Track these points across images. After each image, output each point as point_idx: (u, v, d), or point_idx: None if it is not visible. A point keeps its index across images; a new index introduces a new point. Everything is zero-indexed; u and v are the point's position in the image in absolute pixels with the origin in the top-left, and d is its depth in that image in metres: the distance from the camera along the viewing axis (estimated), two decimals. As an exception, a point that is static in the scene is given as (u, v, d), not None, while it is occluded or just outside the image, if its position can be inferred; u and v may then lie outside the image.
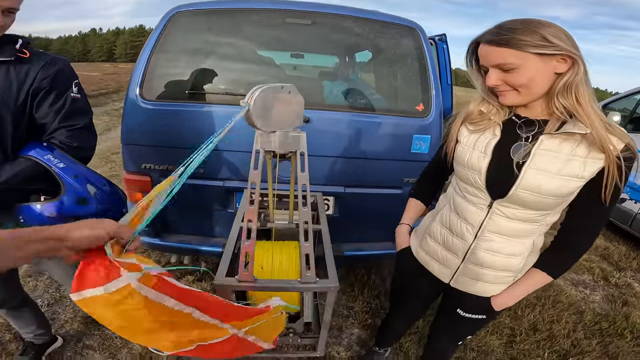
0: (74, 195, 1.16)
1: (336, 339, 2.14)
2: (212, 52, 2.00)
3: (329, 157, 1.95)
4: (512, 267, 1.11)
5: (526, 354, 2.15)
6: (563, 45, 0.85)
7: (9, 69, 1.11)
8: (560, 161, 0.93)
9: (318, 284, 1.04)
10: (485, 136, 1.05)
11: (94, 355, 1.84)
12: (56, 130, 1.19)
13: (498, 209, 1.05)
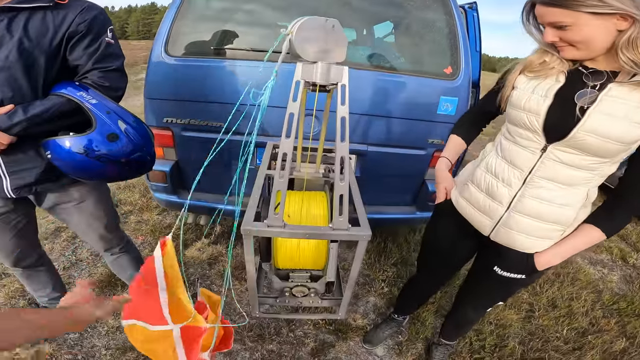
0: (105, 131, 1.14)
1: (352, 307, 2.10)
2: (235, 13, 1.93)
3: (352, 114, 1.86)
4: (561, 220, 1.04)
5: (544, 329, 2.12)
6: (619, 4, 0.81)
7: (45, 14, 1.12)
8: (629, 107, 0.88)
9: (350, 231, 0.97)
10: (547, 82, 1.00)
11: (108, 321, 1.82)
12: (89, 71, 1.20)
13: (553, 153, 0.99)
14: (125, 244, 1.65)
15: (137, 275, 0.97)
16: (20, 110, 1.08)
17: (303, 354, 1.75)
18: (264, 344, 1.77)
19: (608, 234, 1.03)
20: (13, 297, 1.88)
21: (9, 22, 1.07)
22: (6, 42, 1.06)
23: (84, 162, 1.13)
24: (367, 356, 1.79)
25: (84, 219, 1.43)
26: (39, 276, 1.59)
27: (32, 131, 1.11)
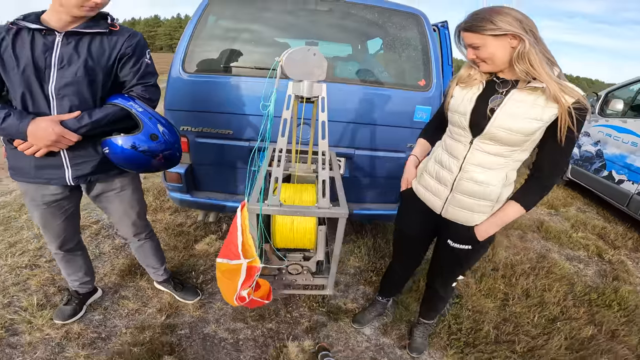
0: (148, 132, 1.44)
1: (343, 293, 2.35)
2: (240, 32, 2.25)
3: (341, 122, 2.16)
4: (489, 196, 1.34)
5: (517, 316, 2.33)
6: (509, 27, 1.14)
7: (102, 38, 1.42)
8: (525, 107, 1.20)
9: (331, 209, 1.25)
10: (472, 90, 1.32)
11: (128, 304, 2.07)
12: (134, 85, 1.51)
13: (477, 145, 1.31)
14: (149, 231, 1.94)
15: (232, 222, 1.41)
16: (86, 115, 1.38)
17: (299, 331, 1.99)
18: (264, 323, 2.02)
19: (527, 207, 1.33)
20: (44, 284, 2.14)
21: (76, 44, 1.37)
22: (75, 61, 1.36)
23: (132, 155, 1.44)
24: (356, 335, 2.03)
25: (122, 206, 1.72)
26: (75, 260, 1.86)
27: (93, 132, 1.42)
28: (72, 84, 1.37)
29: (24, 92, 1.34)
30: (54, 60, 1.34)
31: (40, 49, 1.33)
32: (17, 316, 1.90)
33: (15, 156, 1.46)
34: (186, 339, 1.88)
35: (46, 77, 1.35)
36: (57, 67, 1.35)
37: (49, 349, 1.75)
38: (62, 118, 1.37)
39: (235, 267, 1.34)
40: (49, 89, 1.36)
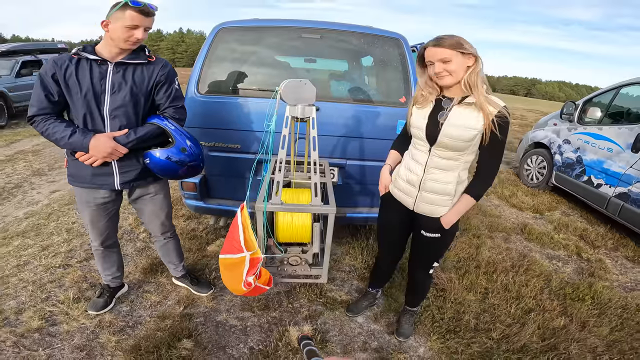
0: (179, 146, 1.79)
1: (339, 287, 2.64)
2: (246, 58, 2.61)
3: (334, 136, 2.50)
4: (448, 192, 1.67)
5: (495, 308, 2.58)
6: (471, 49, 1.47)
7: (143, 68, 1.79)
8: (463, 119, 1.54)
9: (322, 207, 1.57)
10: (425, 109, 1.65)
11: (151, 297, 2.37)
12: (167, 107, 1.88)
13: (434, 152, 1.66)
14: (173, 231, 2.27)
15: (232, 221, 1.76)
16: (132, 133, 1.74)
17: (299, 319, 2.28)
18: (269, 312, 2.31)
19: (476, 198, 1.67)
20: (77, 281, 2.45)
21: (123, 73, 1.73)
22: (123, 87, 1.72)
23: (167, 165, 1.79)
24: (350, 322, 2.31)
25: (154, 208, 2.07)
26: (111, 256, 2.17)
27: (137, 146, 1.77)
28: (122, 106, 1.74)
29: (85, 113, 1.71)
30: (108, 87, 1.71)
31: (97, 76, 1.69)
32: (55, 308, 2.20)
33: (76, 166, 1.81)
34: (201, 326, 2.17)
35: (102, 101, 1.71)
36: (110, 93, 1.72)
37: (84, 336, 2.04)
38: (115, 135, 1.73)
39: (239, 260, 1.65)
40: (104, 111, 1.73)
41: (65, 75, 1.66)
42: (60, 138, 1.67)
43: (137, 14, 1.64)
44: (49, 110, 1.70)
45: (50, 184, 4.31)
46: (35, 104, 1.68)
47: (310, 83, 1.69)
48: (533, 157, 5.49)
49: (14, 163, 4.95)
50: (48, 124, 1.68)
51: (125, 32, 1.65)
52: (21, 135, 6.62)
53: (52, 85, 1.67)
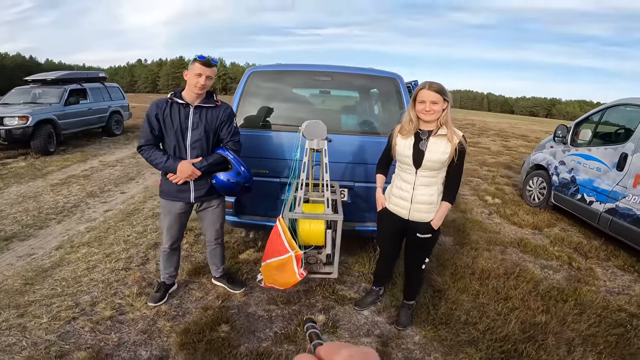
0: (236, 171, 2.41)
1: (349, 287, 3.13)
2: (272, 96, 3.26)
3: (344, 163, 3.06)
4: (432, 202, 2.22)
5: (485, 306, 2.99)
6: (449, 96, 2.04)
7: (212, 110, 2.44)
8: (438, 146, 2.12)
9: (332, 215, 2.14)
10: (409, 140, 2.19)
11: (195, 293, 2.92)
12: (228, 141, 2.51)
13: (420, 173, 2.18)
14: (222, 239, 2.86)
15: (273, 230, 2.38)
16: (205, 160, 2.37)
17: (315, 311, 2.77)
18: (290, 306, 2.82)
19: (451, 202, 2.22)
20: (138, 280, 3.03)
21: (200, 114, 2.39)
22: (200, 126, 2.37)
23: (227, 185, 2.40)
24: (357, 315, 2.79)
25: (213, 218, 2.68)
26: (173, 257, 2.76)
27: (207, 170, 2.39)
28: (198, 140, 2.40)
29: (175, 144, 2.39)
30: (190, 125, 2.38)
31: (183, 116, 2.37)
32: (123, 301, 2.78)
33: (166, 183, 2.47)
34: (236, 315, 2.69)
35: (186, 136, 2.38)
36: (192, 129, 2.38)
37: (146, 322, 2.59)
38: (193, 161, 2.39)
39: (286, 260, 2.25)
40: (187, 143, 2.40)
41: (163, 115, 2.37)
42: (159, 162, 2.36)
43: (201, 65, 2.28)
44: (152, 142, 2.39)
45: (103, 204, 5.01)
46: (144, 136, 2.38)
47: (322, 123, 2.33)
48: (534, 178, 5.87)
49: (69, 186, 5.71)
50: (151, 152, 2.36)
51: (194, 78, 2.29)
52: (70, 160, 7.44)
53: (154, 123, 2.36)
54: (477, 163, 9.39)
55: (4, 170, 6.50)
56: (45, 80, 9.33)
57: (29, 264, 3.26)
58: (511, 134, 19.41)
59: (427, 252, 2.47)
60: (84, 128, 9.65)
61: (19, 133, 7.39)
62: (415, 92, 2.16)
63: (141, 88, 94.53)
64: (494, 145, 13.88)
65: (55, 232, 4.00)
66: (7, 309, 2.60)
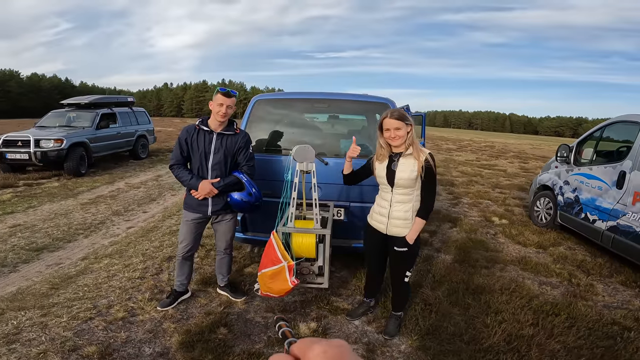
0: (248, 191, 2.75)
1: (344, 299, 3.31)
2: (275, 121, 3.58)
3: (340, 184, 3.28)
4: (407, 218, 2.42)
5: (473, 319, 3.08)
6: (410, 120, 2.26)
7: (231, 137, 2.82)
8: (407, 165, 2.34)
9: (320, 229, 2.40)
10: (384, 163, 2.43)
11: (201, 300, 3.18)
12: (243, 165, 2.86)
13: (395, 191, 2.41)
14: (231, 250, 3.16)
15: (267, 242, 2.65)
16: (222, 180, 2.73)
17: (308, 319, 2.97)
18: (286, 314, 3.02)
19: (424, 218, 2.42)
20: (150, 288, 3.33)
21: (221, 140, 2.76)
22: (220, 151, 2.74)
23: (240, 202, 2.74)
24: (348, 324, 2.96)
25: (225, 230, 3.01)
26: (186, 266, 3.06)
27: (223, 189, 2.73)
28: (218, 163, 2.77)
29: (199, 165, 2.78)
30: (212, 149, 2.76)
31: (207, 142, 2.76)
32: (135, 305, 3.07)
33: (190, 197, 2.84)
34: (235, 320, 2.92)
35: (208, 158, 2.76)
36: (213, 153, 2.76)
37: (153, 323, 2.85)
38: (212, 181, 2.76)
39: (279, 269, 2.50)
40: (209, 165, 2.77)
41: (191, 139, 2.78)
42: (184, 180, 2.79)
43: (222, 96, 2.68)
44: (181, 162, 2.82)
45: (127, 222, 5.42)
46: (174, 157, 2.82)
47: (311, 147, 2.64)
48: (541, 199, 5.90)
49: (97, 205, 6.19)
50: (180, 170, 2.80)
51: (217, 107, 2.69)
52: (99, 182, 8.01)
53: (184, 146, 2.79)
54: (489, 185, 9.39)
55: (39, 190, 7.10)
56: (79, 104, 10.03)
57: (56, 272, 3.63)
58: (531, 156, 19.11)
59: (407, 265, 2.64)
60: (112, 151, 10.27)
61: (54, 155, 8.00)
62: (379, 122, 2.41)
63: (167, 112, 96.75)
64: (511, 167, 13.77)
65: (82, 245, 4.40)
66: (32, 309, 2.94)
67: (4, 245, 4.27)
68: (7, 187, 7.15)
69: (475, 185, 9.19)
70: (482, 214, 6.51)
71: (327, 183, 3.22)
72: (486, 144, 26.83)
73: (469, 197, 7.85)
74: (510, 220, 6.10)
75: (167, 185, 8.04)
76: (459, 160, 15.24)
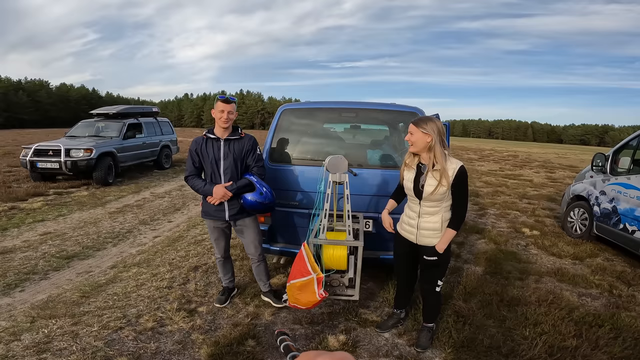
0: (259, 192, 2.74)
1: (372, 311, 3.22)
2: (302, 131, 3.55)
3: (369, 195, 3.25)
4: (436, 229, 2.35)
5: (511, 331, 2.96)
6: (428, 129, 2.18)
7: (238, 141, 2.87)
8: (433, 180, 2.28)
9: (353, 241, 2.35)
10: (411, 173, 2.38)
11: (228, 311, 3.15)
12: (253, 167, 2.91)
13: (423, 203, 2.34)
14: (264, 256, 3.17)
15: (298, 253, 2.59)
16: (234, 184, 2.74)
17: (336, 331, 2.89)
18: (314, 326, 2.96)
19: (456, 229, 2.33)
20: (178, 297, 3.33)
21: (229, 146, 2.79)
22: (229, 155, 2.77)
23: (252, 203, 2.73)
24: (378, 336, 2.87)
25: (250, 235, 3.01)
26: (227, 265, 3.18)
27: (237, 192, 2.75)
28: (229, 167, 2.79)
29: (211, 172, 2.83)
30: (221, 155, 2.79)
31: (216, 149, 2.80)
32: (164, 315, 3.06)
33: (206, 204, 2.87)
34: (263, 332, 2.88)
35: (219, 164, 2.79)
36: (223, 159, 2.79)
37: (182, 334, 2.83)
38: (225, 185, 2.78)
39: (308, 281, 2.46)
40: (220, 170, 2.80)
41: (200, 149, 2.84)
42: (199, 188, 2.85)
43: (222, 103, 2.75)
44: (194, 173, 2.90)
45: (153, 231, 5.49)
46: (188, 168, 2.91)
47: (344, 158, 2.62)
48: (575, 209, 5.67)
49: (124, 214, 6.31)
50: (194, 180, 2.87)
51: (218, 114, 2.76)
52: (125, 192, 8.17)
53: (195, 157, 2.87)
54: (516, 196, 9.10)
55: (68, 198, 7.30)
56: (107, 114, 10.31)
57: (86, 280, 3.68)
58: (557, 165, 18.57)
59: (438, 274, 2.56)
60: (138, 161, 10.46)
61: (84, 165, 8.22)
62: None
63: (187, 122, 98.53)
64: (537, 177, 13.37)
65: (110, 254, 4.47)
66: (63, 318, 2.97)
67: (34, 253, 4.37)
68: (38, 195, 7.38)
69: (501, 196, 8.93)
70: (511, 225, 6.30)
71: (355, 194, 3.15)
72: (509, 153, 26.22)
73: (495, 207, 7.62)
74: (542, 232, 5.87)
75: (190, 195, 8.14)
76: (481, 170, 14.91)
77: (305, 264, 2.48)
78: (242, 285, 3.61)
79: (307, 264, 2.47)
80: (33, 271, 3.87)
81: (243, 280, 3.76)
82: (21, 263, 4.07)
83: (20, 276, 3.74)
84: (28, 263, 4.07)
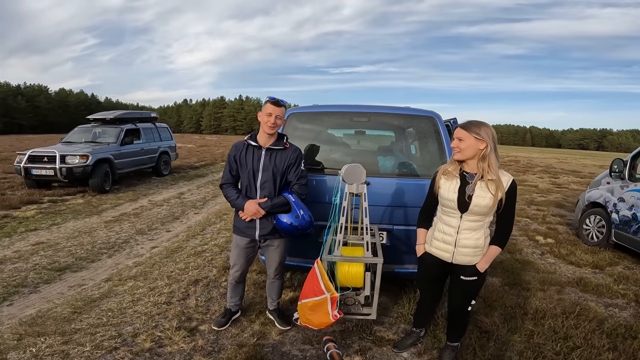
0: (295, 214, 2.47)
1: (387, 329, 2.98)
2: (310, 137, 3.32)
3: (383, 206, 3.02)
4: (478, 246, 2.10)
5: (540, 346, 2.74)
6: (483, 135, 1.93)
7: (281, 152, 2.56)
8: (485, 191, 1.99)
9: (372, 258, 2.11)
10: (453, 183, 2.11)
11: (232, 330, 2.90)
12: (294, 184, 2.60)
13: (465, 217, 2.08)
14: (282, 275, 2.92)
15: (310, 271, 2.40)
16: (269, 201, 2.47)
17: (350, 352, 2.65)
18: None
19: (501, 246, 2.10)
20: (178, 314, 3.08)
21: (270, 156, 2.51)
22: (269, 167, 2.49)
23: (286, 226, 2.46)
24: (395, 357, 2.63)
25: (275, 256, 2.75)
26: (238, 288, 2.89)
27: (271, 211, 2.47)
28: (267, 181, 2.51)
29: (247, 184, 2.56)
30: (261, 166, 2.52)
31: (256, 158, 2.53)
32: (162, 334, 2.81)
33: (237, 220, 2.63)
34: (270, 354, 2.63)
35: (257, 176, 2.52)
36: (262, 171, 2.51)
37: (182, 356, 2.58)
38: (259, 201, 2.53)
39: (321, 301, 2.25)
40: (257, 184, 2.55)
41: (240, 156, 2.58)
42: (232, 199, 2.60)
43: (271, 105, 2.48)
44: (231, 181, 2.66)
45: (150, 241, 5.24)
46: (225, 176, 2.67)
47: (362, 167, 2.38)
48: (591, 216, 5.47)
49: (120, 223, 6.06)
50: (229, 190, 2.62)
51: (265, 117, 2.48)
52: (122, 199, 7.90)
53: (233, 164, 2.62)
54: (524, 202, 8.91)
55: (63, 206, 7.03)
56: (105, 120, 10.04)
57: (78, 294, 3.43)
58: (560, 170, 18.44)
59: (473, 295, 2.32)
60: (136, 168, 10.17)
61: (79, 171, 7.95)
62: (453, 130, 2.16)
63: (186, 128, 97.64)
64: (542, 182, 13.20)
65: (105, 266, 4.22)
66: (53, 335, 2.72)
67: (25, 264, 4.12)
68: (32, 203, 7.11)
69: (508, 201, 8.72)
70: (523, 232, 6.09)
71: (369, 205, 2.92)
72: (510, 159, 26.09)
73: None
74: (557, 239, 5.66)
75: (189, 203, 7.90)
76: (485, 174, 14.69)
77: (319, 282, 2.26)
78: (245, 300, 3.34)
79: (320, 282, 2.25)
80: (22, 284, 3.63)
81: (247, 295, 3.50)
82: (10, 275, 3.82)
83: (9, 289, 3.50)
84: (18, 275, 3.82)
